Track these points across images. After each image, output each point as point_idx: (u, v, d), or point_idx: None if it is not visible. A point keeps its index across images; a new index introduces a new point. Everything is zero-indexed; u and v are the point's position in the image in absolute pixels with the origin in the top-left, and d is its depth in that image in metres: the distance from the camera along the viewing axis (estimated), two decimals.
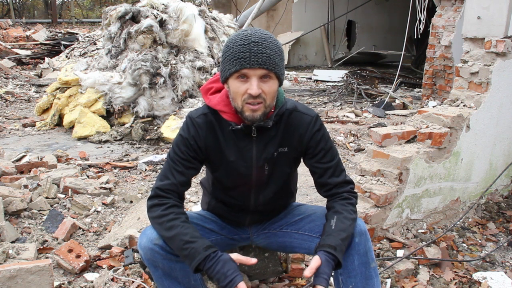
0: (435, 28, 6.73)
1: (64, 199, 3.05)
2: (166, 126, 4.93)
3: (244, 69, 1.49)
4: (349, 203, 1.69)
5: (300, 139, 1.70)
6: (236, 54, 1.50)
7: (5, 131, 5.27)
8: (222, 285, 1.46)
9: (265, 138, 1.67)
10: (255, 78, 1.50)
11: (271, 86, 1.54)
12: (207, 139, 1.66)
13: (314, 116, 1.71)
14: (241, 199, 1.78)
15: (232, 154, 1.67)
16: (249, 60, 1.48)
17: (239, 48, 1.50)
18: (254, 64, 1.48)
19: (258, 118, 1.56)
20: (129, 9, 5.66)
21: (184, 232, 1.53)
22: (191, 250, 1.49)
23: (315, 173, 1.75)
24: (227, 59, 1.53)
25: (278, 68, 1.53)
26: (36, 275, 1.79)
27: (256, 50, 1.48)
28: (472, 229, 2.90)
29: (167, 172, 1.66)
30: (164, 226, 1.57)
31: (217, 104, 1.66)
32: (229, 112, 1.64)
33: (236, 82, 1.53)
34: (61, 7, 26.25)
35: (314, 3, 12.77)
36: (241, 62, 1.49)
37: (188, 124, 1.68)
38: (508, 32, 2.92)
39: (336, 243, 1.54)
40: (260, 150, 1.68)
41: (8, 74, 8.71)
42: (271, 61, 1.50)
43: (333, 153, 1.73)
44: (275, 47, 1.52)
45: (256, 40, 1.49)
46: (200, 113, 1.69)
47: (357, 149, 4.71)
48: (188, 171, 1.67)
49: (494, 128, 3.02)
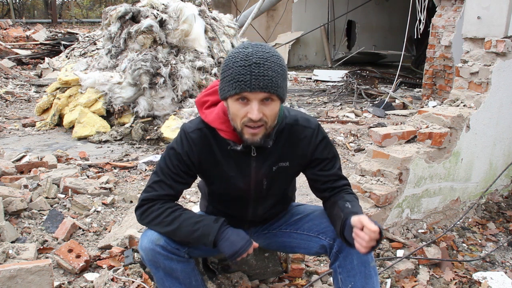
0: (435, 28, 6.73)
1: (64, 199, 3.05)
2: (166, 126, 4.93)
3: (244, 92, 1.41)
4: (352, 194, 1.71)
5: (303, 153, 1.66)
6: (236, 76, 1.41)
7: (5, 131, 5.27)
8: (241, 245, 1.54)
9: (265, 154, 1.62)
10: (256, 102, 1.42)
11: (273, 109, 1.46)
12: (201, 155, 1.60)
13: (316, 128, 1.66)
14: (238, 210, 1.76)
15: (231, 169, 1.62)
16: (249, 83, 1.39)
17: (239, 70, 1.40)
18: (255, 88, 1.39)
19: (258, 141, 1.50)
20: (129, 9, 5.66)
21: (188, 217, 1.56)
22: (204, 228, 1.53)
23: (317, 181, 1.71)
24: (227, 79, 1.44)
25: (280, 90, 1.44)
26: (36, 275, 1.79)
27: (257, 72, 1.39)
28: (472, 229, 2.90)
29: (154, 184, 1.61)
30: (165, 222, 1.57)
31: (213, 121, 1.58)
32: (227, 130, 1.56)
33: (236, 104, 1.45)
34: (61, 7, 26.26)
35: (314, 3, 12.78)
36: (241, 86, 1.40)
37: (182, 138, 1.61)
38: (508, 32, 2.92)
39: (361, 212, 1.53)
40: (259, 166, 1.63)
41: (8, 74, 8.71)
42: (273, 84, 1.41)
43: (336, 159, 1.72)
44: (278, 67, 1.43)
45: (258, 61, 1.39)
46: (195, 127, 1.61)
47: (357, 149, 4.71)
48: (177, 185, 1.62)
49: (494, 128, 3.02)
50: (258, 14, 9.60)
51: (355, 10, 11.75)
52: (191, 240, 1.57)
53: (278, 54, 1.47)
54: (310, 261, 2.34)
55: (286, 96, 1.52)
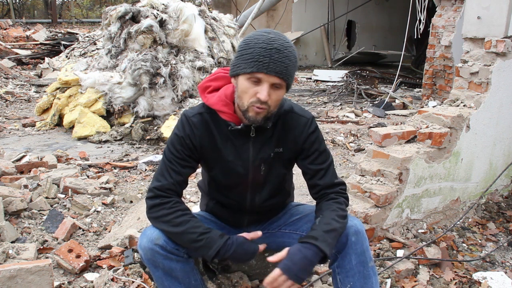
0: (435, 28, 6.73)
1: (64, 199, 3.05)
2: (166, 126, 4.93)
3: (260, 73, 1.48)
4: (335, 202, 1.68)
5: (295, 140, 1.70)
6: (255, 56, 1.47)
7: (5, 131, 5.27)
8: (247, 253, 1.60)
9: (262, 138, 1.67)
10: (267, 84, 1.49)
11: (279, 95, 1.54)
12: (202, 139, 1.65)
13: (310, 118, 1.72)
14: (236, 199, 1.78)
15: (230, 153, 1.67)
16: (267, 66, 1.46)
17: (260, 51, 1.47)
18: (271, 71, 1.47)
19: (259, 120, 1.56)
20: (129, 9, 5.66)
21: (196, 225, 1.57)
22: (208, 240, 1.54)
23: (306, 174, 1.75)
24: (245, 57, 1.50)
25: (291, 79, 1.54)
26: (36, 275, 1.79)
27: (276, 57, 1.46)
28: (472, 229, 2.90)
29: (163, 172, 1.65)
30: (173, 223, 1.57)
31: (215, 104, 1.64)
32: (227, 112, 1.63)
33: (247, 83, 1.51)
34: (61, 7, 26.26)
35: (314, 3, 12.78)
36: (258, 66, 1.47)
37: (184, 122, 1.66)
38: (508, 32, 2.92)
39: (317, 234, 1.54)
40: (257, 150, 1.68)
41: (8, 74, 8.71)
42: (287, 72, 1.49)
43: (326, 155, 1.74)
44: (294, 57, 1.52)
45: (279, 47, 1.47)
46: (196, 112, 1.67)
47: (357, 149, 4.71)
48: (185, 170, 1.66)
49: (494, 128, 3.02)
50: (258, 14, 9.60)
51: (355, 10, 11.77)
52: (191, 248, 1.59)
53: (294, 47, 1.56)
54: None
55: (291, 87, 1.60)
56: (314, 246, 1.50)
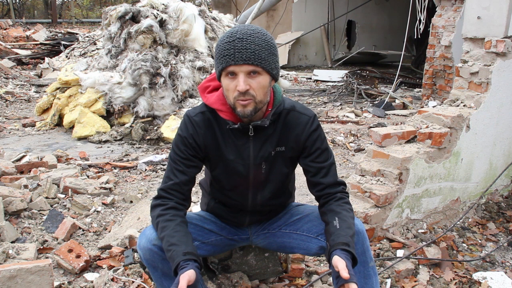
0: (435, 28, 6.73)
1: (64, 199, 3.05)
2: (166, 126, 4.93)
3: (230, 66, 1.49)
4: (344, 203, 1.68)
5: (297, 138, 1.70)
6: (222, 51, 1.51)
7: (5, 131, 5.27)
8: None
9: (262, 137, 1.67)
10: (242, 74, 1.49)
11: (260, 82, 1.52)
12: (205, 137, 1.66)
13: (312, 116, 1.71)
14: (238, 199, 1.78)
15: (231, 152, 1.68)
16: (233, 56, 1.48)
17: (225, 46, 1.50)
18: (239, 61, 1.48)
19: (248, 113, 1.54)
20: (129, 9, 5.66)
21: (172, 234, 1.53)
22: (173, 253, 1.48)
23: (308, 172, 1.74)
24: (216, 57, 1.55)
25: (266, 63, 1.51)
26: (36, 275, 1.79)
27: (240, 46, 1.47)
28: (472, 229, 2.90)
29: (169, 173, 1.67)
30: (159, 226, 1.58)
31: (214, 103, 1.65)
32: (226, 111, 1.64)
33: (226, 80, 1.54)
34: (61, 7, 26.24)
35: (314, 3, 12.77)
36: (226, 60, 1.49)
37: (186, 122, 1.68)
38: (508, 32, 2.92)
39: (347, 240, 1.52)
40: (257, 149, 1.68)
41: (8, 74, 8.71)
42: (256, 56, 1.48)
43: (328, 153, 1.73)
44: (262, 42, 1.50)
45: (241, 36, 1.48)
46: (198, 111, 1.69)
47: (357, 149, 4.71)
48: (190, 170, 1.67)
49: (494, 128, 3.02)
50: (258, 14, 9.60)
51: (355, 10, 11.75)
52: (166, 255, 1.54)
53: (265, 32, 1.55)
54: (310, 261, 2.34)
55: (277, 72, 1.58)
56: (350, 254, 1.49)
